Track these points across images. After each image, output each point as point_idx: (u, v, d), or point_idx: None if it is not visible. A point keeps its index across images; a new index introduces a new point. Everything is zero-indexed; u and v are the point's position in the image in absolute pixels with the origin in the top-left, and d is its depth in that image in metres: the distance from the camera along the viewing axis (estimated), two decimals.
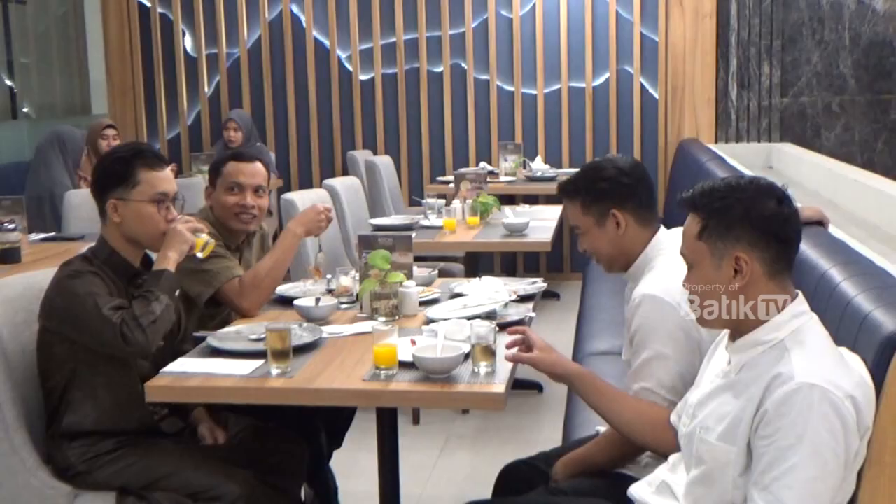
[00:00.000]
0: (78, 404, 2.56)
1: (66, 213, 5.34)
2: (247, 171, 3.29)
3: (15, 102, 7.39)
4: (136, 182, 2.64)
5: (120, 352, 2.49)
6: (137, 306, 2.50)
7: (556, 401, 4.74)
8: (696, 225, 1.93)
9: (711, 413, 1.92)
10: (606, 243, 2.52)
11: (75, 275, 2.54)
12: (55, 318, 2.53)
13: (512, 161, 7.02)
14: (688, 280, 1.98)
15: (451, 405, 3.05)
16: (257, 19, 7.89)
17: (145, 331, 2.47)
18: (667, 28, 7.39)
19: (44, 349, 2.58)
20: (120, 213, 2.63)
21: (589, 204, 2.51)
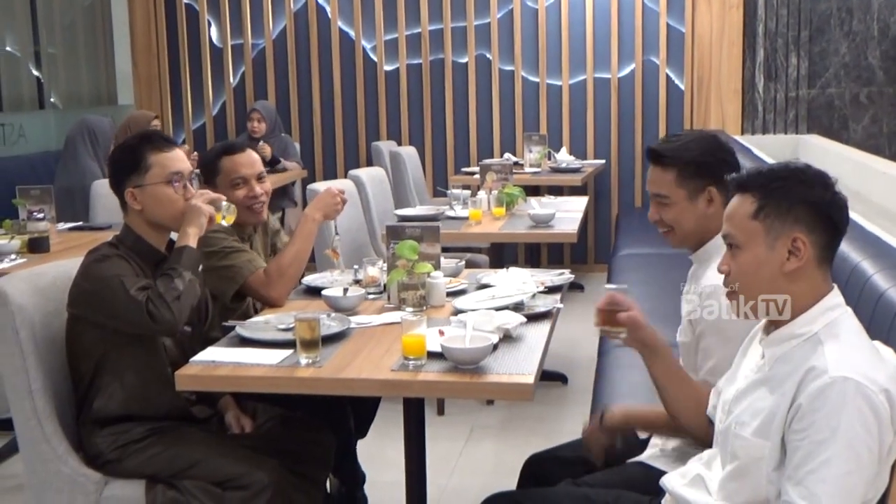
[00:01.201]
0: (107, 389, 2.58)
1: (93, 203, 5.36)
2: (245, 161, 3.28)
3: (42, 92, 7.42)
4: (148, 166, 2.65)
5: (148, 330, 2.51)
6: (161, 284, 2.52)
7: (581, 392, 4.74)
8: (751, 205, 1.90)
9: (746, 409, 1.91)
10: (692, 219, 2.46)
11: (102, 259, 2.57)
12: (84, 303, 2.55)
13: (537, 152, 7.00)
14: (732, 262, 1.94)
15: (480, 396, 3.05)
16: (283, 10, 7.90)
17: (171, 307, 2.48)
18: (693, 18, 7.34)
19: (73, 336, 2.60)
20: (139, 201, 2.65)
21: (686, 176, 2.45)
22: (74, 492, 2.55)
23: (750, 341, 2.08)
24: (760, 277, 1.90)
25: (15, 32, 7.19)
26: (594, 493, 2.34)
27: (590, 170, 6.99)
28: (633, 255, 5.52)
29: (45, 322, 2.60)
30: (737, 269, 1.93)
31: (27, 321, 2.53)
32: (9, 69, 7.06)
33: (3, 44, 7.02)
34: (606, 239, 7.69)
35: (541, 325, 2.74)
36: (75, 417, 2.65)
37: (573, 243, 7.24)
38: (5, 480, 3.90)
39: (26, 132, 6.82)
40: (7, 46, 7.07)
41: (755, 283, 1.90)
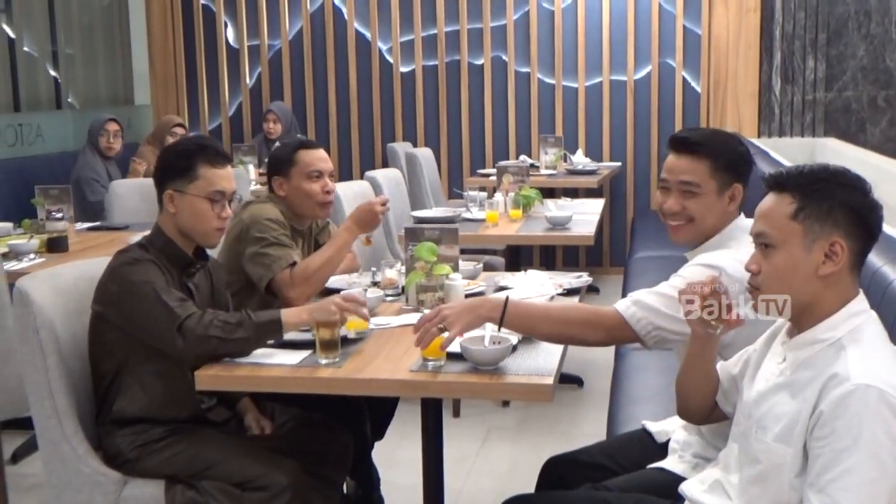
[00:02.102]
0: (128, 391, 2.59)
1: (110, 203, 5.39)
2: (321, 156, 3.35)
3: (60, 93, 7.46)
4: (195, 177, 2.65)
5: (167, 343, 2.47)
6: (224, 317, 2.48)
7: (597, 395, 4.74)
8: (789, 205, 1.88)
9: (767, 413, 1.90)
10: (715, 213, 2.44)
11: (132, 262, 2.56)
12: (109, 304, 2.56)
13: (552, 154, 7.00)
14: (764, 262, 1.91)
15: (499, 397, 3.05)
16: (299, 11, 7.92)
17: (205, 340, 2.43)
18: (710, 21, 7.33)
19: (96, 335, 2.61)
20: (175, 205, 2.65)
21: (719, 168, 2.41)
22: (94, 491, 2.56)
23: (770, 340, 2.06)
24: (794, 279, 1.87)
25: (33, 33, 7.22)
26: (614, 497, 2.33)
27: (605, 172, 6.98)
28: (649, 258, 5.51)
29: (65, 322, 2.61)
30: (769, 270, 1.90)
31: (48, 321, 2.54)
32: (27, 69, 7.09)
33: (22, 44, 7.05)
34: (622, 241, 7.69)
35: None
36: (95, 417, 2.66)
37: (588, 246, 7.24)
38: (23, 479, 3.91)
39: (44, 132, 6.85)
40: (25, 47, 7.10)
41: (787, 284, 1.87)
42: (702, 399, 2.19)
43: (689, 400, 2.22)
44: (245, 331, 2.46)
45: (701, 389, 2.18)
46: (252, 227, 3.13)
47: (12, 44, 6.93)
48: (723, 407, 2.18)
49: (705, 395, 2.18)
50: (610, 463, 2.56)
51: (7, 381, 3.35)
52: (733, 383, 2.15)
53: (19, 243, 4.09)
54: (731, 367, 2.16)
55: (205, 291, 2.77)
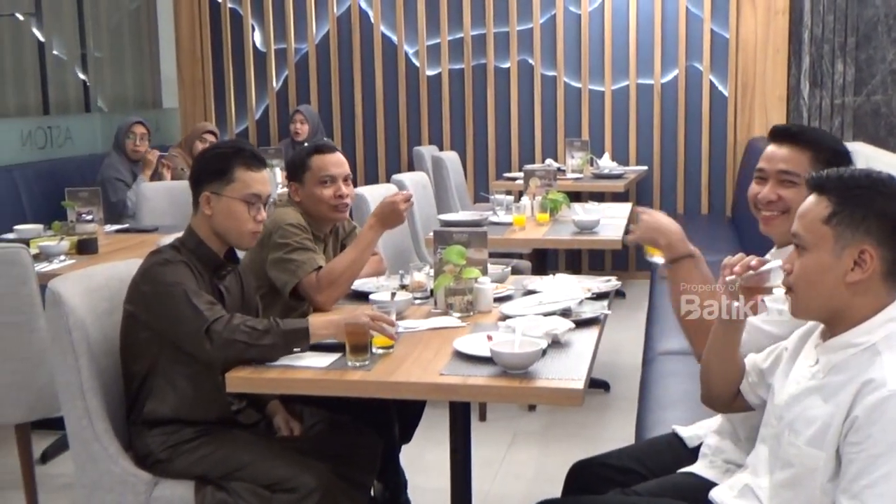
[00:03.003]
0: (158, 392, 2.60)
1: (139, 205, 5.43)
2: (335, 161, 3.34)
3: (88, 96, 7.51)
4: (232, 179, 2.67)
5: (195, 345, 2.48)
6: (252, 323, 2.48)
7: (623, 400, 4.73)
8: (825, 209, 1.86)
9: (799, 416, 1.88)
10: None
11: (165, 263, 2.58)
12: (141, 304, 2.57)
13: (579, 158, 6.99)
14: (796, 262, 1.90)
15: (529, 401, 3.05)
16: (326, 14, 7.94)
17: (231, 344, 2.44)
18: (738, 24, 7.30)
19: (128, 335, 2.62)
20: (211, 207, 2.67)
21: (821, 161, 2.35)
22: (124, 491, 2.57)
23: (802, 341, 2.05)
24: (821, 284, 1.86)
25: (62, 36, 7.28)
26: (643, 502, 2.32)
27: (632, 176, 6.96)
28: None
29: (96, 323, 2.63)
30: (799, 271, 1.89)
31: (79, 322, 2.56)
32: (56, 73, 7.15)
33: (51, 48, 7.11)
34: None
35: (588, 331, 2.72)
36: (126, 417, 2.68)
37: (614, 250, 7.22)
38: (53, 479, 3.94)
39: (73, 135, 6.90)
40: (54, 50, 7.16)
41: (814, 288, 1.87)
42: (723, 384, 2.19)
43: (711, 384, 2.21)
44: (272, 338, 2.46)
45: (724, 374, 2.18)
46: (274, 232, 3.13)
47: (42, 47, 6.99)
48: (746, 397, 2.18)
49: (728, 381, 2.18)
50: (639, 467, 2.55)
51: (38, 382, 3.38)
52: (761, 376, 2.14)
53: (50, 245, 4.12)
54: (761, 361, 2.15)
55: (235, 294, 2.78)
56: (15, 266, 3.29)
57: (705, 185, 7.50)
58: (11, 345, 3.35)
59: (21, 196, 5.88)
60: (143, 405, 2.61)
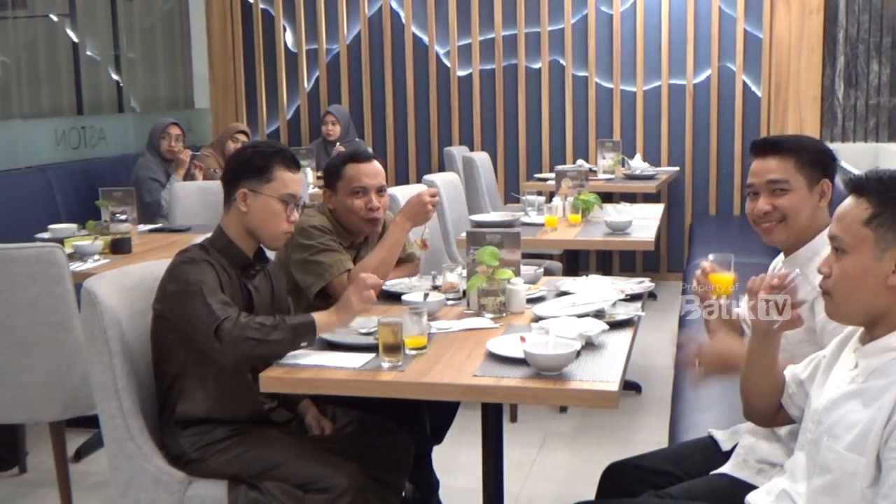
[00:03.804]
0: (189, 392, 2.61)
1: (172, 205, 5.46)
2: (369, 171, 3.28)
3: (121, 96, 7.57)
4: (271, 178, 2.68)
5: (206, 342, 2.47)
6: (260, 320, 2.50)
7: (655, 402, 4.70)
8: (864, 210, 1.85)
9: (839, 421, 1.86)
10: (807, 210, 2.45)
11: (189, 262, 2.59)
12: (167, 303, 2.58)
13: (610, 159, 6.96)
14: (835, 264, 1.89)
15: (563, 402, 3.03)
16: (357, 15, 7.95)
17: (241, 343, 2.44)
18: (771, 24, 7.24)
19: (158, 335, 2.64)
20: (248, 204, 2.68)
21: (805, 164, 2.44)
22: (158, 490, 2.58)
23: (840, 346, 2.03)
24: (862, 287, 1.84)
25: (96, 37, 7.34)
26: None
27: (664, 177, 6.92)
28: None
29: (131, 322, 2.64)
30: (839, 274, 1.87)
31: (114, 321, 2.58)
32: (90, 73, 7.21)
33: (85, 49, 7.17)
34: (679, 247, 7.62)
35: (622, 332, 2.71)
36: (158, 416, 2.69)
37: (646, 251, 7.18)
38: (87, 477, 3.97)
39: (106, 135, 6.95)
40: (88, 51, 7.22)
41: (854, 291, 1.85)
42: (764, 399, 2.17)
43: (751, 398, 2.20)
44: (280, 332, 2.48)
45: (763, 388, 2.16)
46: (297, 234, 3.11)
47: (76, 48, 7.05)
48: (788, 409, 2.16)
49: (768, 394, 2.16)
50: (674, 469, 2.53)
51: (73, 381, 3.40)
52: (801, 387, 2.12)
53: (84, 244, 4.14)
54: (800, 372, 2.13)
55: (265, 294, 2.79)
56: (51, 265, 3.32)
57: (738, 186, 7.44)
58: (47, 344, 3.37)
59: (55, 195, 5.93)
60: (174, 405, 2.62)
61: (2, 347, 3.38)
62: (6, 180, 5.66)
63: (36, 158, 6.16)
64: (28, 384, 3.39)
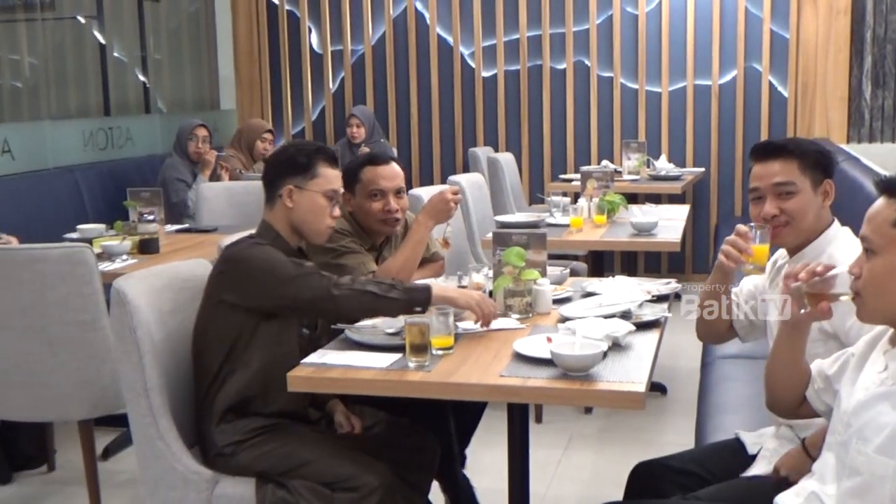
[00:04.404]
0: (232, 382, 2.63)
1: (199, 206, 5.49)
2: (386, 174, 3.30)
3: (148, 97, 7.61)
4: (316, 174, 2.77)
5: (323, 301, 2.56)
6: (378, 278, 2.73)
7: (680, 403, 4.69)
8: (894, 212, 1.84)
9: (868, 423, 1.85)
10: (813, 211, 2.47)
11: (256, 245, 2.68)
12: (236, 287, 2.61)
13: (635, 159, 6.94)
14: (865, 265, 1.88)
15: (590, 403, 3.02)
16: (382, 16, 7.97)
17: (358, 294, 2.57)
18: (798, 25, 7.20)
19: (207, 325, 2.67)
20: (294, 200, 2.75)
21: (809, 165, 2.47)
22: (187, 489, 2.60)
23: (870, 347, 2.02)
24: (892, 287, 1.83)
25: (123, 39, 7.39)
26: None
27: (689, 178, 6.90)
28: None
29: (160, 321, 2.66)
30: (868, 275, 1.86)
31: (144, 320, 2.60)
32: (117, 75, 7.25)
33: (112, 50, 7.22)
34: (705, 248, 7.59)
35: (649, 333, 2.71)
36: (194, 412, 2.72)
37: (671, 252, 7.16)
38: (114, 475, 4.00)
39: (133, 135, 7.00)
40: (115, 52, 7.27)
41: (884, 292, 1.84)
42: (789, 390, 2.18)
43: (776, 390, 2.21)
44: (398, 293, 2.60)
45: (788, 379, 2.17)
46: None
47: (103, 50, 7.10)
48: (813, 404, 2.16)
49: (793, 386, 2.17)
50: (701, 470, 2.53)
51: (102, 380, 3.43)
52: (827, 383, 2.11)
53: (112, 244, 4.17)
54: (827, 367, 2.13)
55: None
56: (80, 265, 3.34)
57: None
58: (76, 343, 3.40)
59: (83, 196, 5.97)
60: (214, 396, 2.64)
61: (32, 347, 3.40)
62: (35, 181, 5.71)
63: (64, 159, 6.21)
64: (57, 383, 3.42)
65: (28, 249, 3.39)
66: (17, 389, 3.45)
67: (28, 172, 5.82)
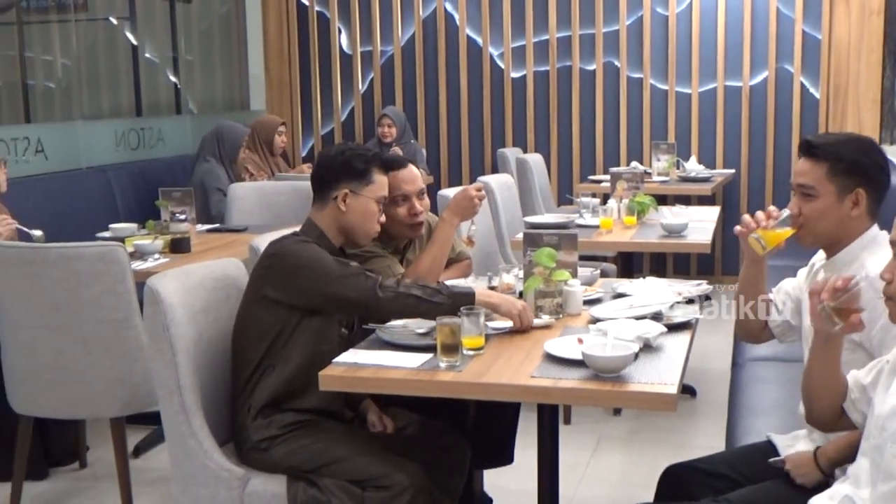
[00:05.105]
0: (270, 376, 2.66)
1: (229, 206, 5.51)
2: (407, 178, 3.27)
3: (179, 98, 7.67)
4: (371, 181, 2.83)
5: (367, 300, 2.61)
6: (422, 283, 2.73)
7: (710, 406, 4.67)
8: None
9: None
10: (833, 218, 2.42)
11: (303, 243, 2.71)
12: (279, 283, 2.65)
13: (665, 161, 6.91)
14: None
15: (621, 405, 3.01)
16: (411, 17, 7.98)
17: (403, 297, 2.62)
18: (831, 25, 7.14)
19: (249, 320, 2.69)
20: (348, 204, 2.79)
21: (838, 171, 2.40)
22: (218, 486, 2.62)
23: None
24: None
25: (155, 40, 7.45)
26: None
27: (719, 179, 6.86)
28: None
29: (193, 319, 2.68)
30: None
31: (176, 318, 2.62)
32: (148, 75, 7.31)
33: (144, 51, 7.27)
34: (734, 251, 7.53)
35: (680, 335, 2.70)
36: (226, 409, 2.74)
37: (700, 254, 7.12)
38: (145, 473, 4.03)
39: (164, 136, 7.04)
40: (147, 53, 7.32)
41: None
42: (826, 403, 2.16)
43: (813, 403, 2.19)
44: (442, 297, 2.63)
45: (825, 392, 2.15)
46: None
47: (135, 51, 7.15)
48: (850, 415, 2.14)
49: (830, 399, 2.15)
50: (732, 473, 2.52)
51: (134, 378, 3.45)
52: (864, 393, 2.10)
53: (145, 244, 4.20)
54: (863, 377, 2.11)
55: None
56: (113, 264, 3.37)
57: None
58: (109, 341, 3.42)
59: (114, 195, 6.01)
60: (252, 390, 2.66)
61: (65, 345, 3.44)
62: (68, 180, 5.76)
63: (96, 159, 6.26)
64: (90, 381, 3.45)
65: (62, 248, 3.42)
66: (50, 387, 3.49)
67: (61, 172, 5.87)
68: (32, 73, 6.48)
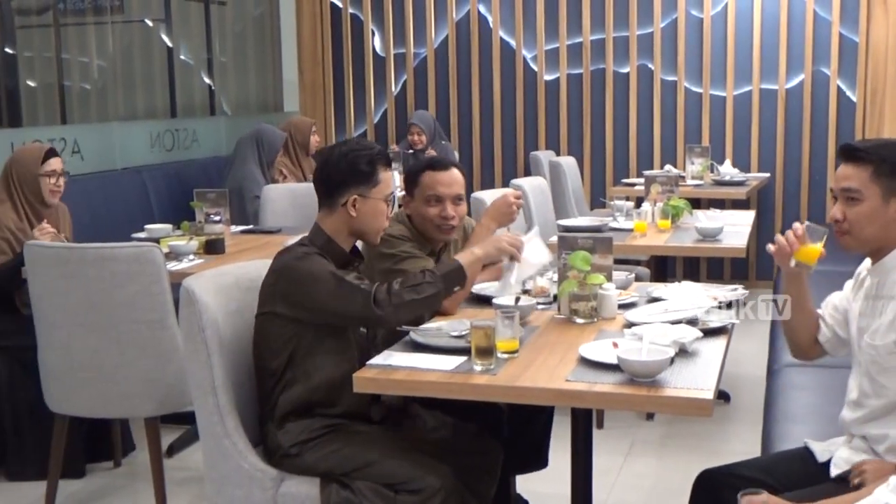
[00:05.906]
0: (294, 385, 2.65)
1: (263, 207, 5.54)
2: (445, 180, 3.25)
3: (213, 99, 7.71)
4: (377, 181, 2.75)
5: (366, 317, 2.58)
6: (409, 282, 2.63)
7: (744, 411, 4.63)
8: None
9: None
10: (879, 221, 2.38)
11: (304, 256, 2.65)
12: (286, 300, 2.62)
13: (699, 164, 6.87)
14: None
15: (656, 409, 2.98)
16: (445, 19, 7.98)
17: (399, 308, 2.58)
18: (868, 28, 7.07)
19: (264, 334, 2.68)
20: (358, 209, 2.73)
21: (882, 174, 2.36)
22: (252, 487, 2.63)
23: None
24: None
25: (190, 42, 7.50)
26: None
27: (754, 183, 6.81)
28: None
29: (227, 320, 2.69)
30: None
31: (212, 319, 2.63)
32: (183, 77, 7.36)
33: (179, 53, 7.32)
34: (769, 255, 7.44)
35: (716, 340, 2.68)
36: (258, 413, 2.74)
37: (734, 259, 7.06)
38: (178, 472, 4.04)
39: (199, 137, 7.08)
40: (182, 55, 7.37)
41: None
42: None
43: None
44: (433, 286, 2.64)
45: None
46: (379, 244, 3.10)
47: (170, 53, 7.21)
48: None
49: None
50: (768, 479, 2.49)
51: (168, 378, 3.47)
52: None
53: (179, 244, 4.22)
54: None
55: None
56: (149, 264, 3.39)
57: (830, 194, 7.29)
58: (144, 341, 3.45)
59: (149, 196, 6.06)
60: (277, 398, 2.66)
61: (100, 344, 3.46)
62: (103, 181, 5.81)
63: (132, 160, 6.31)
64: (125, 380, 3.48)
65: (98, 248, 3.44)
66: (85, 386, 3.52)
67: (97, 173, 5.92)
68: (69, 75, 6.55)
